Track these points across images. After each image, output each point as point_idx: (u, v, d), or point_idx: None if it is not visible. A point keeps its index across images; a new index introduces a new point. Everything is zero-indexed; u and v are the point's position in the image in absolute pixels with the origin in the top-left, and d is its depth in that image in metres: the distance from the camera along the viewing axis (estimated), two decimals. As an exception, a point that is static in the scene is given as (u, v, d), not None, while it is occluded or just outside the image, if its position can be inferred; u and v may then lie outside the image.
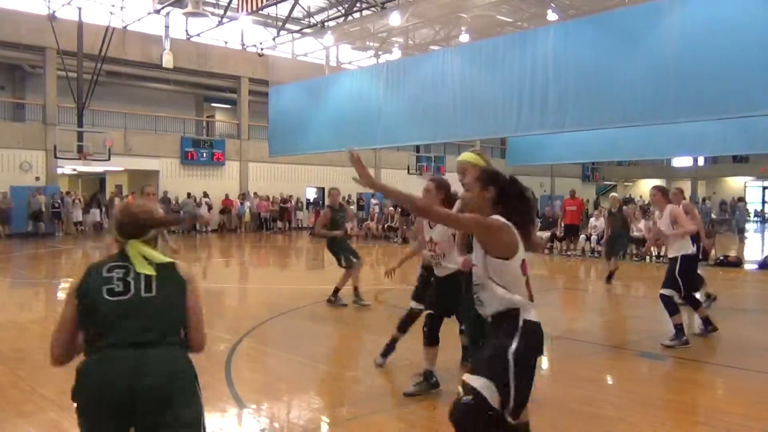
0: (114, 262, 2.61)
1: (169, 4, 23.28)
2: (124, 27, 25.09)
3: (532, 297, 3.07)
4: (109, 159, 23.18)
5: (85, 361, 2.51)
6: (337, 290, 8.96)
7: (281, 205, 28.22)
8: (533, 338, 3.04)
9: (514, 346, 2.94)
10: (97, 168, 26.39)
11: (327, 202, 9.92)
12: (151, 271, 2.55)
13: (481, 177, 3.18)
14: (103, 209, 25.53)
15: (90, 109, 23.87)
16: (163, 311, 2.56)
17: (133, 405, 2.39)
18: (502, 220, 2.96)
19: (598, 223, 17.14)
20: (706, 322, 7.09)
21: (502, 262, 2.95)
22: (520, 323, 3.00)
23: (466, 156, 4.33)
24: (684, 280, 6.67)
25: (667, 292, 6.68)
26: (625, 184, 45.49)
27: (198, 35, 26.74)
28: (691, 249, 6.77)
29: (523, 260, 3.02)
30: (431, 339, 5.03)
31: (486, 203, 3.06)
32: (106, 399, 2.41)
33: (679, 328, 6.56)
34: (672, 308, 6.64)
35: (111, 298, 2.51)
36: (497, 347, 2.98)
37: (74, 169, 27.28)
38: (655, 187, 7.22)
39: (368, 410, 4.63)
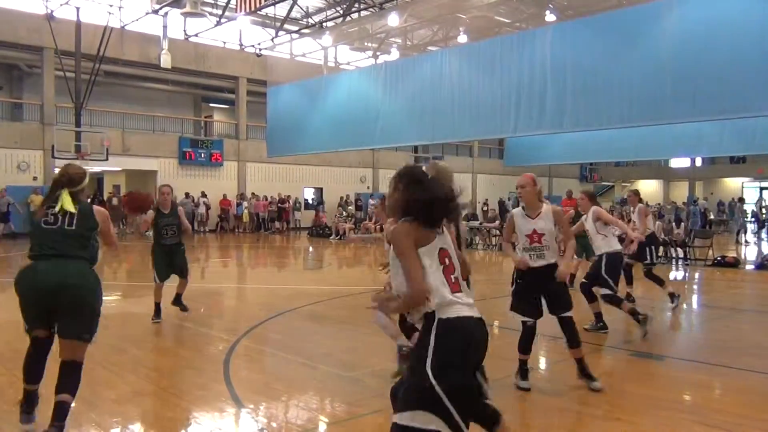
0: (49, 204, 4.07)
1: (167, 5, 23.26)
2: (122, 27, 25.08)
3: (459, 288, 2.82)
4: (107, 159, 23.17)
5: (23, 267, 4.01)
6: None
7: (279, 205, 28.22)
8: (453, 338, 2.68)
9: (429, 360, 2.63)
10: (95, 168, 26.33)
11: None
12: (74, 210, 4.01)
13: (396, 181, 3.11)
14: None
15: (88, 109, 23.86)
16: (76, 237, 4.04)
17: (55, 293, 3.87)
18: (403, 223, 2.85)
19: None
20: (599, 317, 7.44)
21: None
22: (434, 326, 2.69)
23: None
24: (611, 277, 6.99)
25: (603, 291, 7.02)
26: (623, 184, 45.53)
27: (196, 35, 26.73)
28: (615, 247, 7.17)
29: (441, 249, 2.84)
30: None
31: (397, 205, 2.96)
32: (35, 290, 3.90)
33: (599, 315, 7.32)
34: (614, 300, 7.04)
35: (45, 227, 4.00)
36: (413, 367, 2.69)
37: (72, 169, 27.23)
38: (583, 192, 7.72)
39: (367, 410, 4.64)
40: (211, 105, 31.83)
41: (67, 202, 4.01)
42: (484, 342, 2.85)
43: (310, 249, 21.59)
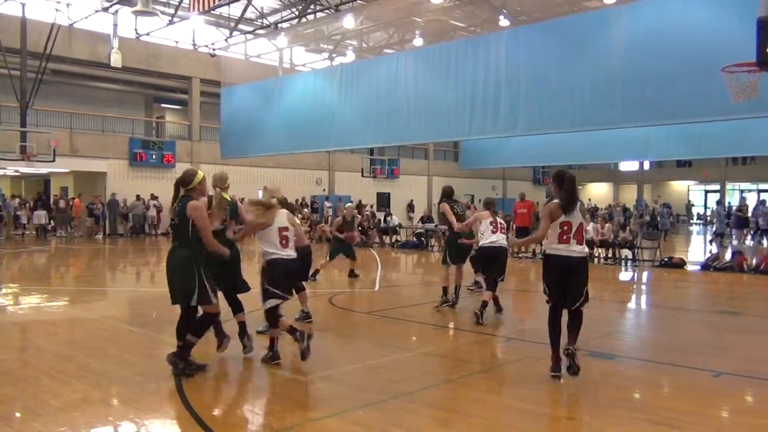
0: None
1: (118, 2, 22.78)
2: (71, 24, 24.42)
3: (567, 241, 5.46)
4: (54, 160, 22.49)
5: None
6: None
7: (234, 207, 27.83)
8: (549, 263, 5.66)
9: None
10: (42, 169, 25.57)
11: None
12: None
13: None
14: (46, 212, 24.74)
15: (34, 108, 23.13)
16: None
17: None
18: None
19: None
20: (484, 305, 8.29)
21: None
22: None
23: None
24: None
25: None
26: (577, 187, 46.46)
27: (147, 34, 26.19)
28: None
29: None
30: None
31: None
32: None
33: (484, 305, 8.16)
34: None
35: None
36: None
37: (17, 171, 26.38)
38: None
39: (321, 414, 4.61)
40: (163, 105, 31.20)
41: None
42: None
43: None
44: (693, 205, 43.06)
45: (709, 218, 30.04)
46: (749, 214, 24.04)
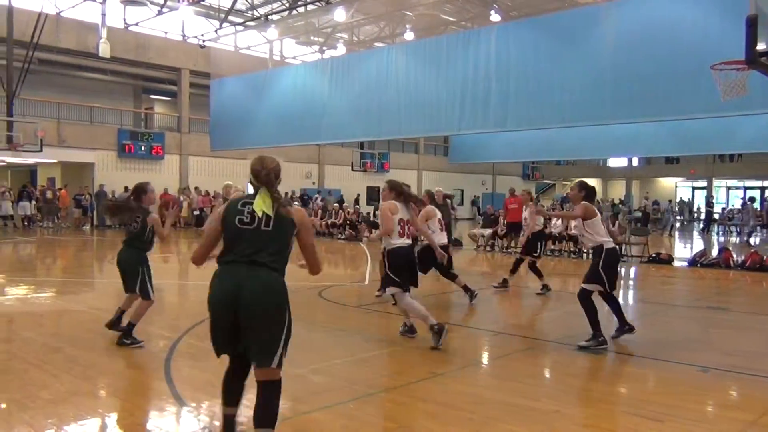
0: (247, 200, 3.48)
1: (107, -8, 22.55)
2: (58, 13, 24.19)
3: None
4: (41, 150, 22.26)
5: (216, 270, 3.48)
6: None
7: (225, 199, 27.72)
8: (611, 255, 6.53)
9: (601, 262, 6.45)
10: (28, 159, 25.32)
11: None
12: (270, 212, 3.41)
13: None
14: (33, 202, 24.54)
15: (21, 98, 22.89)
16: (272, 241, 3.45)
17: (236, 306, 3.33)
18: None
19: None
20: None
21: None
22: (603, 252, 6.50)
23: None
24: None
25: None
26: (564, 182, 46.67)
27: (136, 24, 26.00)
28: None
29: None
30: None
31: None
32: (220, 298, 3.38)
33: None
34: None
35: (240, 226, 3.43)
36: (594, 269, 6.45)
37: (3, 161, 26.12)
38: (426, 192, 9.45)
39: (311, 407, 4.62)
40: (152, 97, 31.01)
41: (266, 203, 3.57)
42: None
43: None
44: (686, 200, 43.22)
45: (735, 215, 29.92)
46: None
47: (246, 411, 3.74)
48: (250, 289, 3.33)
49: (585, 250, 15.72)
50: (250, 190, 3.60)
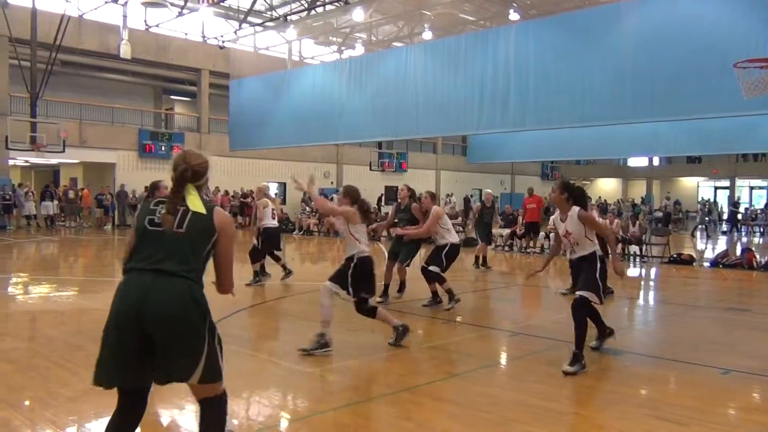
0: (162, 199, 3.02)
1: (127, -6, 22.78)
2: (81, 15, 24.49)
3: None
4: (63, 151, 22.58)
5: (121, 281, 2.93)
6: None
7: (242, 200, 27.89)
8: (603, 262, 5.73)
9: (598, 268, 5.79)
10: (51, 160, 25.69)
11: None
12: (200, 209, 2.95)
13: None
14: (56, 202, 24.87)
15: (44, 99, 23.22)
16: (185, 246, 2.90)
17: (140, 323, 2.77)
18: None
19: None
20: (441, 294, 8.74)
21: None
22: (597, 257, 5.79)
23: None
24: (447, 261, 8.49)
25: (433, 268, 8.42)
26: (583, 182, 46.33)
27: (157, 26, 26.24)
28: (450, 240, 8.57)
29: None
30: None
31: None
32: (119, 314, 2.82)
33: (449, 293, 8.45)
34: (440, 279, 8.48)
35: (150, 228, 2.93)
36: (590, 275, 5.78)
37: (27, 161, 26.52)
38: (426, 192, 9.01)
39: (329, 406, 4.63)
40: (172, 97, 31.29)
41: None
42: None
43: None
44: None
45: (758, 215, 29.46)
46: None
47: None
48: (156, 301, 2.77)
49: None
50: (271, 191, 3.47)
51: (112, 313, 2.84)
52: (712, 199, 38.28)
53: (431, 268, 8.42)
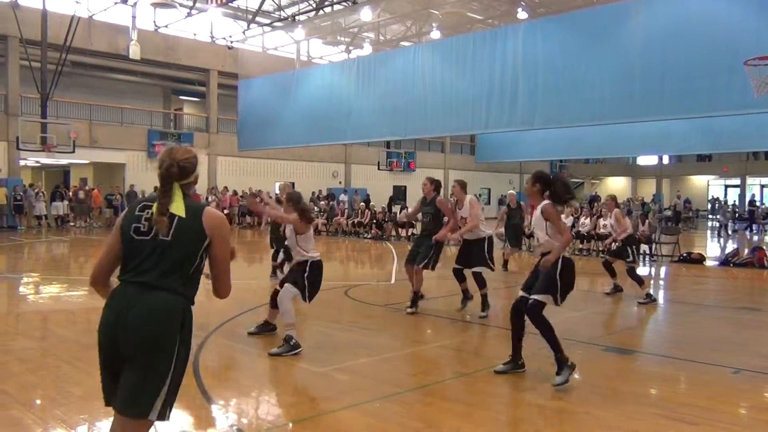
0: (147, 202, 2.75)
1: (136, -5, 22.88)
2: (90, 17, 24.62)
3: None
4: (73, 151, 22.73)
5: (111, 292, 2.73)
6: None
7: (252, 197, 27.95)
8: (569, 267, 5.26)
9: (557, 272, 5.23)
10: (62, 160, 25.85)
11: None
12: (182, 212, 2.67)
13: None
14: (66, 202, 25.01)
15: (54, 99, 23.37)
16: (171, 255, 2.66)
17: (116, 340, 2.59)
18: None
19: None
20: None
21: None
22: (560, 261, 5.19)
23: None
24: (489, 257, 8.09)
25: (478, 269, 8.05)
26: (592, 181, 46.15)
27: (166, 26, 26.34)
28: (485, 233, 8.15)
29: None
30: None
31: None
32: (103, 330, 2.65)
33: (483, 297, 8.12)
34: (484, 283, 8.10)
35: (137, 237, 2.69)
36: (550, 275, 5.31)
37: (37, 161, 26.68)
38: (456, 181, 8.52)
39: (337, 406, 4.63)
40: (181, 97, 31.43)
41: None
42: None
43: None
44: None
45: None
46: None
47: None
48: (133, 315, 2.57)
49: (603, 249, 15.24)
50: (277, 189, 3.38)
51: (98, 329, 2.67)
52: (721, 198, 38.07)
53: (480, 269, 8.02)
